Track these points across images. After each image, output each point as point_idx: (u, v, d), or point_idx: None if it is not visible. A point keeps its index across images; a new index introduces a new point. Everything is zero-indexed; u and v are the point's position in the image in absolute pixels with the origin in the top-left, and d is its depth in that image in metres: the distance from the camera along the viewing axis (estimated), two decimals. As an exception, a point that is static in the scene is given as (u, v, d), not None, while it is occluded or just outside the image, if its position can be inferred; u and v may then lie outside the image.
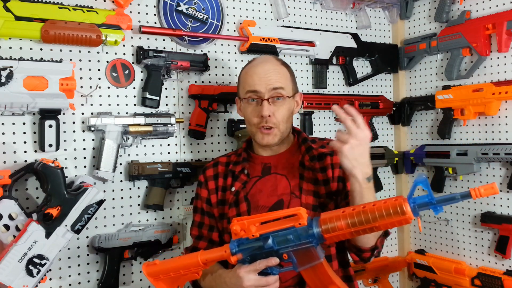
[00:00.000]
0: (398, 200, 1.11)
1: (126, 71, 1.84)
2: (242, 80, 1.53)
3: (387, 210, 1.11)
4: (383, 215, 1.11)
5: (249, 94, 1.48)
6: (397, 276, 2.56)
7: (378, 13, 2.52)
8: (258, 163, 1.55)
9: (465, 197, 1.07)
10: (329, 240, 1.19)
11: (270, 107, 1.45)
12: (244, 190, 1.50)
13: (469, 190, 1.06)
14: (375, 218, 1.12)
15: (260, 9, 2.16)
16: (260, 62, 1.52)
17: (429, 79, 2.44)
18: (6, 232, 1.53)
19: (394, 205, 1.10)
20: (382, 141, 2.53)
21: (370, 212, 1.12)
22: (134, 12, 1.85)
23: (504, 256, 2.06)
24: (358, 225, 1.13)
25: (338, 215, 1.16)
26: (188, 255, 1.34)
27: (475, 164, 2.11)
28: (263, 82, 1.46)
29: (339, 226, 1.15)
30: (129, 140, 1.80)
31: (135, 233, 1.80)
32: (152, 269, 1.31)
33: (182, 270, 1.29)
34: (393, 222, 1.11)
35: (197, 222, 1.59)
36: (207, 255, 1.28)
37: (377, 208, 1.12)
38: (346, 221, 1.14)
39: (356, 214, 1.14)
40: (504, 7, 2.07)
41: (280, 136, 1.49)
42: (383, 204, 1.12)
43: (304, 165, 1.51)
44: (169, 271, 1.30)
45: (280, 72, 1.50)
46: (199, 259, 1.27)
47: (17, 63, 1.56)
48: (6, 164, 1.62)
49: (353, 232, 1.15)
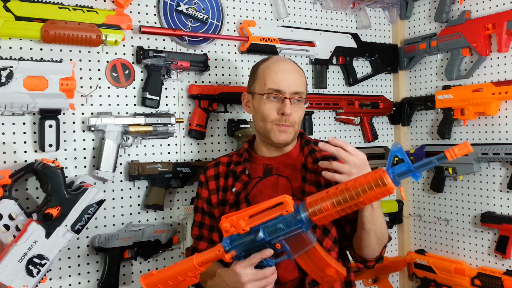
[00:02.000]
0: (378, 173, 1.12)
1: (126, 71, 1.84)
2: (263, 75, 1.50)
3: (368, 184, 1.12)
4: (365, 190, 1.12)
5: (271, 91, 1.47)
6: (397, 276, 2.56)
7: (378, 13, 2.52)
8: (260, 164, 1.54)
9: (440, 159, 1.07)
10: (318, 222, 1.19)
11: (291, 107, 1.46)
12: (245, 191, 1.50)
13: (443, 151, 1.05)
14: (358, 193, 1.12)
15: (260, 9, 2.16)
16: (283, 60, 1.54)
17: (429, 79, 2.44)
18: (6, 232, 1.53)
19: (375, 177, 1.12)
20: (382, 141, 2.53)
21: (352, 188, 1.14)
22: (134, 12, 1.85)
23: (504, 256, 2.06)
24: (343, 203, 1.14)
25: (322, 196, 1.17)
26: (183, 260, 1.33)
27: (475, 164, 2.11)
28: (287, 81, 1.46)
29: (325, 207, 1.16)
30: (129, 140, 1.80)
31: (135, 233, 1.80)
32: (150, 280, 1.29)
33: (180, 276, 1.27)
34: (376, 194, 1.12)
35: (197, 222, 1.59)
36: (202, 257, 1.27)
37: (359, 184, 1.13)
38: (331, 201, 1.15)
39: (339, 192, 1.15)
40: (504, 7, 2.07)
41: (293, 135, 1.50)
42: (364, 179, 1.13)
43: (307, 167, 1.50)
44: (167, 279, 1.28)
45: (301, 74, 1.53)
46: (194, 262, 1.26)
47: (17, 63, 1.56)
48: (6, 164, 1.62)
49: (339, 211, 1.16)
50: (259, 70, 1.52)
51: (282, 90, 1.46)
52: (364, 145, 2.45)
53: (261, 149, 1.56)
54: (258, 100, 1.50)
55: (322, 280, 1.27)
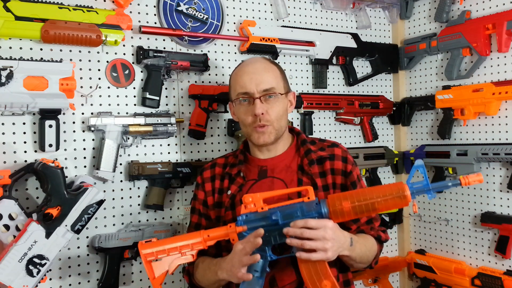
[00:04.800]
0: (400, 185, 1.24)
1: (126, 71, 1.84)
2: (232, 82, 1.52)
3: (390, 192, 1.23)
4: (386, 196, 1.23)
5: (240, 95, 1.46)
6: (397, 276, 2.56)
7: (378, 13, 2.52)
8: (255, 165, 1.53)
9: (455, 185, 1.23)
10: (334, 218, 1.26)
11: (262, 105, 1.43)
12: (240, 194, 1.48)
13: (459, 178, 1.22)
14: (379, 197, 1.24)
15: (260, 9, 2.16)
16: (250, 63, 1.52)
17: (429, 79, 2.44)
18: (6, 232, 1.53)
19: (397, 188, 1.24)
20: (382, 141, 2.53)
21: (373, 192, 1.24)
22: (134, 12, 1.85)
23: (504, 256, 2.06)
24: (362, 204, 1.24)
25: (344, 195, 1.28)
26: (190, 233, 1.38)
27: (475, 164, 2.11)
28: (253, 82, 1.44)
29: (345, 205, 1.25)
30: (129, 140, 1.80)
31: (135, 233, 1.80)
32: (147, 247, 1.32)
33: (182, 248, 1.32)
34: (393, 203, 1.24)
35: (194, 223, 1.59)
36: (210, 232, 1.34)
37: (380, 190, 1.25)
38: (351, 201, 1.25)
39: (361, 194, 1.26)
40: (504, 7, 2.07)
41: (275, 134, 1.47)
42: (386, 187, 1.26)
43: (303, 169, 1.48)
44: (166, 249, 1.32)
45: (270, 70, 1.48)
46: (201, 236, 1.32)
47: (17, 63, 1.56)
48: (6, 164, 1.62)
49: (357, 212, 1.26)
50: (231, 78, 1.54)
51: (249, 91, 1.44)
52: (364, 145, 2.45)
53: (254, 150, 1.55)
54: (235, 106, 1.51)
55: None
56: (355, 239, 1.34)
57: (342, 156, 1.51)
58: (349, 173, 1.49)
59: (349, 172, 1.49)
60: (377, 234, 1.47)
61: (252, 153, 1.56)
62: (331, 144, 1.54)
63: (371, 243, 1.44)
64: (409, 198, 1.22)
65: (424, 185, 1.23)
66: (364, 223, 1.47)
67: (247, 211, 1.29)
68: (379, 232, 1.48)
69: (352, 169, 1.50)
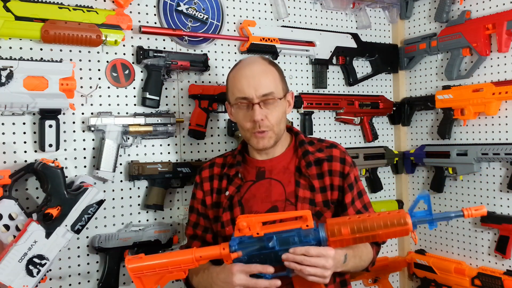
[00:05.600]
0: (401, 213, 1.19)
1: (126, 71, 1.84)
2: (230, 85, 1.48)
3: (391, 220, 1.19)
4: (387, 224, 1.19)
5: (238, 100, 1.44)
6: (397, 276, 2.56)
7: (378, 13, 2.52)
8: (253, 166, 1.52)
9: (458, 215, 1.18)
10: (332, 245, 1.22)
11: (262, 111, 1.41)
12: (238, 195, 1.48)
13: (461, 210, 1.18)
14: (379, 226, 1.18)
15: (260, 9, 2.16)
16: (247, 64, 1.47)
17: (429, 79, 2.44)
18: (6, 232, 1.53)
19: (398, 216, 1.19)
20: (382, 141, 2.53)
21: (374, 220, 1.19)
22: (134, 12, 1.85)
23: (504, 256, 2.06)
24: (362, 232, 1.19)
25: (344, 221, 1.22)
26: (181, 251, 1.31)
27: (475, 164, 2.12)
28: (251, 86, 1.40)
29: (344, 231, 1.20)
30: (129, 140, 1.80)
31: (135, 233, 1.80)
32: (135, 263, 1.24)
33: (171, 266, 1.24)
34: (394, 232, 1.19)
35: (192, 222, 1.59)
36: (202, 252, 1.26)
37: (381, 218, 1.19)
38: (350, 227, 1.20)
39: (361, 221, 1.20)
40: (504, 7, 2.07)
41: (275, 138, 1.45)
42: (387, 215, 1.20)
43: (301, 171, 1.47)
44: (155, 267, 1.24)
45: (268, 73, 1.45)
46: (193, 256, 1.24)
47: (17, 63, 1.56)
48: (6, 164, 1.62)
49: (356, 239, 1.20)
50: (228, 80, 1.50)
51: (248, 96, 1.41)
52: (364, 145, 2.45)
53: (252, 152, 1.54)
54: (234, 110, 1.48)
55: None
56: (349, 255, 1.32)
57: (340, 157, 1.49)
58: (346, 175, 1.48)
59: (347, 173, 1.48)
60: None
61: (250, 154, 1.55)
62: (330, 145, 1.53)
63: (366, 252, 1.44)
64: (410, 228, 1.18)
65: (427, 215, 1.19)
66: None
67: (241, 234, 1.24)
68: None
69: (350, 171, 1.49)
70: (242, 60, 1.53)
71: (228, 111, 1.55)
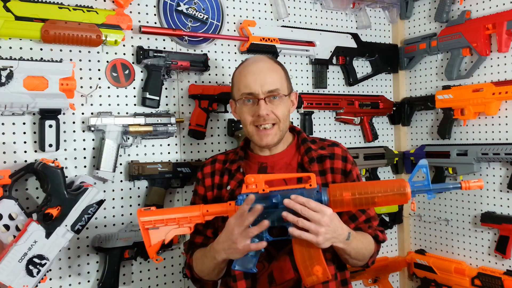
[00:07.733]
0: (401, 181, 1.25)
1: (126, 71, 1.84)
2: (236, 81, 1.51)
3: (390, 187, 1.24)
4: (386, 191, 1.24)
5: (244, 95, 1.46)
6: (397, 276, 2.57)
7: (378, 13, 2.52)
8: (255, 162, 1.54)
9: (456, 188, 1.25)
10: (333, 207, 1.27)
11: (267, 106, 1.43)
12: (239, 189, 1.48)
13: (460, 182, 1.24)
14: (379, 191, 1.24)
15: (260, 9, 2.16)
16: (254, 61, 1.50)
17: (429, 79, 2.44)
18: (6, 232, 1.53)
19: (398, 185, 1.24)
20: (382, 141, 2.53)
21: (374, 186, 1.25)
22: (134, 12, 1.85)
23: (504, 256, 2.06)
24: (363, 194, 1.24)
25: (345, 186, 1.29)
26: (189, 206, 1.39)
27: (475, 164, 2.12)
28: (258, 82, 1.43)
29: (345, 195, 1.25)
30: (129, 140, 1.80)
31: (135, 233, 1.80)
32: (145, 214, 1.33)
33: (180, 220, 1.32)
34: (393, 199, 1.25)
35: None
36: (209, 207, 1.34)
37: (381, 185, 1.25)
38: (351, 192, 1.25)
39: (361, 186, 1.26)
40: (504, 7, 2.07)
41: (280, 135, 1.48)
42: (387, 182, 1.26)
43: (303, 167, 1.48)
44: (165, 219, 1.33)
45: (274, 71, 1.48)
46: (200, 211, 1.33)
47: (17, 63, 1.56)
48: (6, 164, 1.62)
49: (356, 202, 1.26)
50: (234, 76, 1.53)
51: (254, 92, 1.44)
52: (364, 145, 2.45)
53: (255, 148, 1.56)
54: (238, 106, 1.50)
55: (307, 276, 1.28)
56: (353, 234, 1.34)
57: (342, 155, 1.51)
58: (348, 172, 1.50)
59: (349, 171, 1.50)
60: (374, 233, 1.47)
61: (253, 150, 1.57)
62: (332, 144, 1.55)
63: (368, 241, 1.44)
64: (409, 195, 1.23)
65: (425, 185, 1.24)
66: (363, 222, 1.48)
67: (248, 191, 1.29)
68: (377, 231, 1.48)
69: (352, 169, 1.51)
70: (248, 58, 1.56)
71: (232, 109, 1.57)
